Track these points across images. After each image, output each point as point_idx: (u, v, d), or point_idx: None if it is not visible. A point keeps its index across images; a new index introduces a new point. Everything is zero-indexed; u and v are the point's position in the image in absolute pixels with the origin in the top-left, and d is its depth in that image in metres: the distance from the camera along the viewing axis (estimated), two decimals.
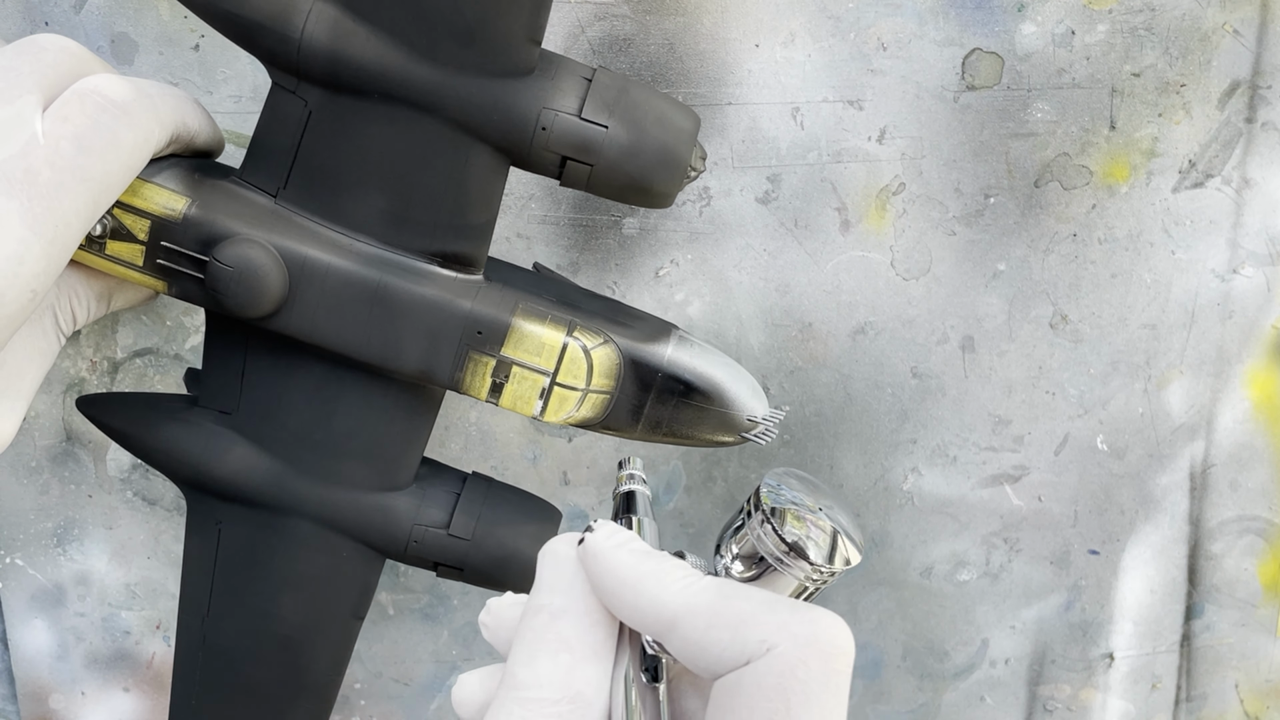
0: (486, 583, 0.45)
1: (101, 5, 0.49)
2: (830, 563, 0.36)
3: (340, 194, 0.41)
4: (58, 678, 0.60)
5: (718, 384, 0.43)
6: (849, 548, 0.37)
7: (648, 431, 0.43)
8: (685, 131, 0.40)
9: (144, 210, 0.39)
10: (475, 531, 0.44)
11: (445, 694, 0.62)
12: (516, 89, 0.39)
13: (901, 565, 0.61)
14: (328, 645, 0.46)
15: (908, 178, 0.55)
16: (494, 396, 0.42)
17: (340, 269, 0.40)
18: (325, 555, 0.45)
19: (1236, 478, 0.62)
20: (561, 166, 0.40)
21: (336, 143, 0.40)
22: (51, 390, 0.55)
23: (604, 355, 0.42)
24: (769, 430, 0.43)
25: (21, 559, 0.58)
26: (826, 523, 0.37)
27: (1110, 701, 0.65)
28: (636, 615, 0.30)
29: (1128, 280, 0.58)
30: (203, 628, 0.46)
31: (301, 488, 0.44)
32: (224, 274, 0.39)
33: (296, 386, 0.43)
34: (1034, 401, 0.59)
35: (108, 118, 0.35)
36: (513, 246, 0.54)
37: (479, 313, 0.41)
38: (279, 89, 0.40)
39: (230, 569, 0.45)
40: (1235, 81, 0.55)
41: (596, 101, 0.39)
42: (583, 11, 0.51)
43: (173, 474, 0.45)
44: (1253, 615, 0.65)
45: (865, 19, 0.52)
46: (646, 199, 0.41)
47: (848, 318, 0.57)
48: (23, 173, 0.33)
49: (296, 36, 0.38)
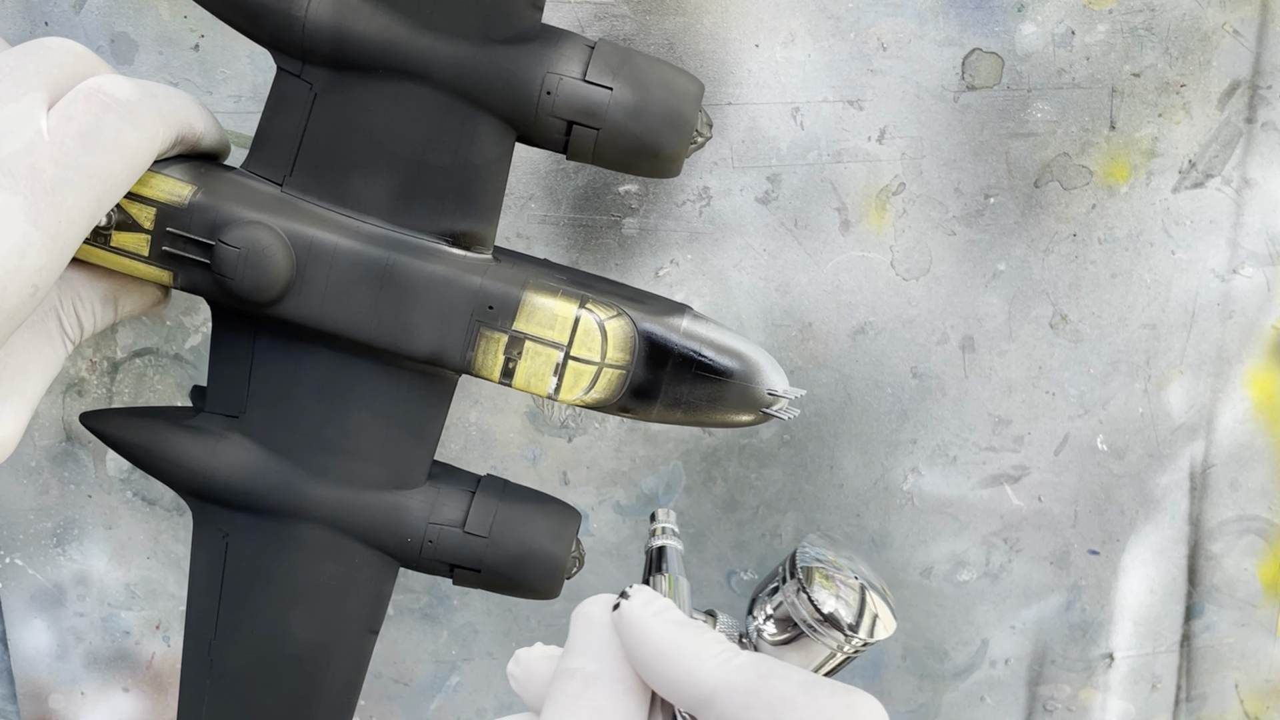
0: (504, 585, 0.44)
1: (101, 5, 0.49)
2: (862, 634, 0.36)
3: (347, 176, 0.41)
4: (57, 678, 0.60)
5: (738, 353, 0.41)
6: (883, 620, 0.37)
7: (666, 410, 0.42)
8: (690, 93, 0.40)
9: (150, 198, 0.39)
10: (492, 529, 0.43)
11: (445, 694, 0.62)
12: (520, 54, 0.39)
13: (901, 565, 0.61)
14: (341, 664, 0.44)
15: (908, 178, 0.55)
16: (506, 378, 0.41)
17: (348, 250, 0.40)
18: (337, 563, 0.43)
19: (1236, 478, 0.62)
20: (567, 135, 0.39)
21: (342, 123, 0.40)
22: (51, 390, 0.55)
23: (618, 327, 0.41)
24: (790, 407, 0.42)
25: (21, 559, 0.58)
26: (861, 593, 0.37)
27: (1110, 701, 0.65)
28: (672, 688, 0.30)
29: (1128, 280, 0.58)
30: (209, 653, 0.44)
31: (312, 489, 0.43)
32: (230, 256, 0.39)
33: (305, 382, 0.42)
34: (1034, 401, 0.59)
35: (113, 116, 0.35)
36: (512, 246, 0.54)
37: (489, 288, 0.41)
38: (284, 74, 0.40)
39: (238, 585, 0.44)
40: (1235, 81, 0.55)
41: (600, 65, 0.39)
42: (583, 11, 0.51)
43: (180, 484, 0.44)
44: (1253, 615, 0.65)
45: (865, 19, 0.52)
46: (654, 164, 0.40)
47: (848, 318, 0.57)
48: (27, 168, 0.33)
49: (301, 15, 0.38)
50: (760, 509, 0.60)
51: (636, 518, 0.59)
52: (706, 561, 0.60)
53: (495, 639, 0.61)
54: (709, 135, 0.41)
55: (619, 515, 0.59)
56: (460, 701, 0.62)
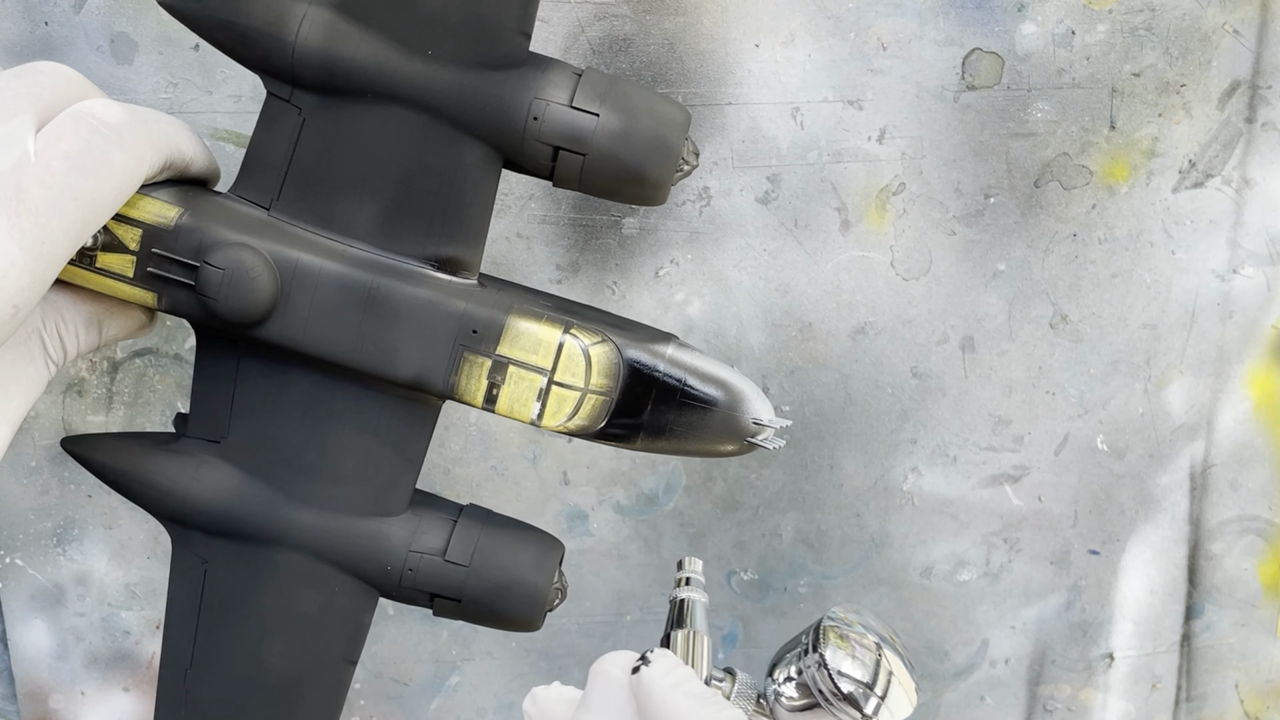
0: (485, 616, 0.43)
1: (101, 5, 0.49)
2: (876, 714, 0.36)
3: (334, 199, 0.41)
4: (57, 678, 0.60)
5: (723, 382, 0.41)
6: (902, 701, 0.37)
7: (649, 439, 0.42)
8: (676, 121, 0.40)
9: (136, 220, 0.39)
10: (474, 558, 0.42)
11: (445, 694, 0.62)
12: (507, 80, 0.39)
13: (901, 565, 0.61)
14: (319, 694, 0.44)
15: (908, 178, 0.55)
16: (489, 404, 0.41)
17: (332, 273, 0.40)
18: (316, 591, 0.43)
19: (1236, 478, 0.62)
20: (553, 161, 0.39)
21: (330, 148, 0.40)
22: (51, 390, 0.55)
23: (602, 353, 0.41)
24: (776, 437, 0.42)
25: (21, 559, 0.58)
26: (883, 670, 0.37)
27: (1110, 701, 0.65)
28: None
29: (1128, 280, 0.58)
30: (185, 682, 0.44)
31: (293, 515, 0.42)
32: (215, 277, 0.39)
33: (288, 406, 0.42)
34: (1034, 401, 0.59)
35: (100, 139, 0.35)
36: (512, 246, 0.54)
37: (473, 312, 0.40)
38: (273, 99, 0.40)
39: (216, 612, 0.43)
40: (1235, 81, 0.55)
41: (587, 92, 0.39)
42: (583, 11, 0.51)
43: (160, 509, 0.43)
44: (1253, 615, 0.65)
45: (865, 19, 0.52)
46: (640, 191, 0.40)
47: (848, 318, 0.57)
48: (12, 189, 0.33)
49: (291, 40, 0.38)
50: (760, 509, 0.60)
51: (636, 518, 0.59)
52: (707, 562, 0.60)
53: (495, 639, 0.61)
54: (695, 164, 0.41)
55: (619, 515, 0.59)
56: (460, 701, 0.62)
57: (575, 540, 0.59)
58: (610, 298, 0.55)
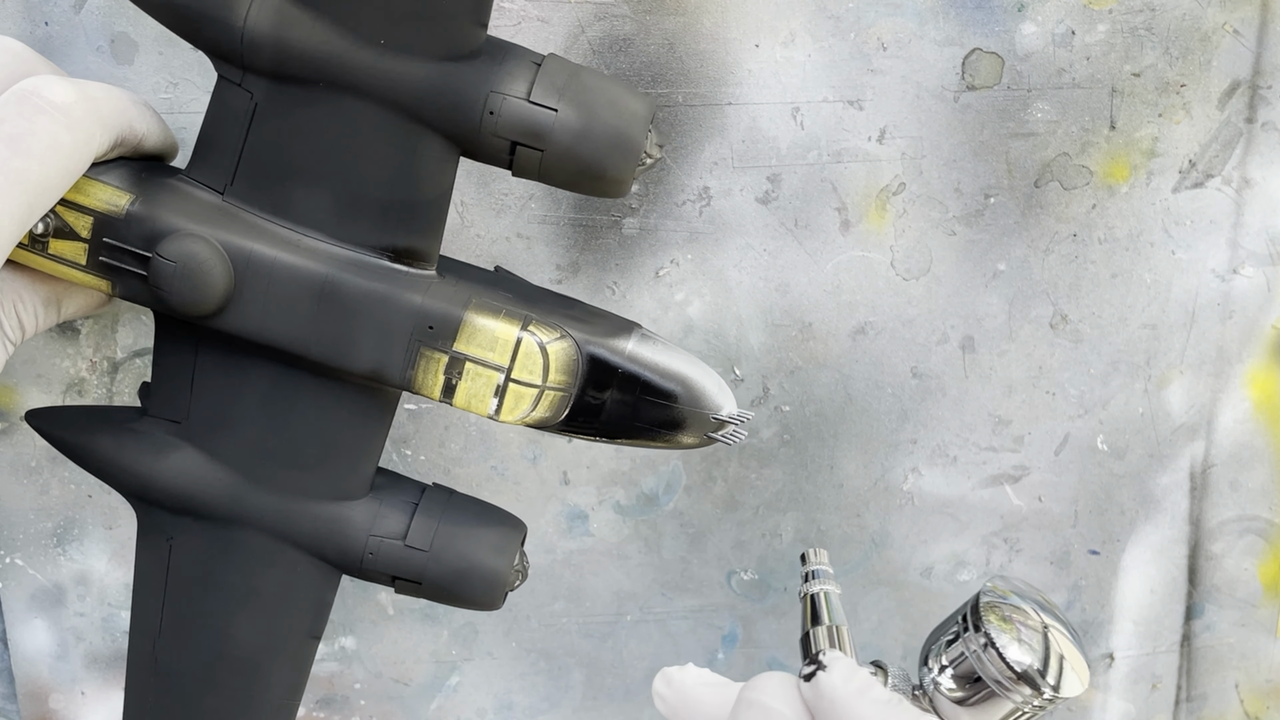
0: (446, 597, 0.44)
1: (101, 5, 0.49)
2: (1062, 690, 0.34)
3: (288, 188, 0.40)
4: (58, 678, 0.60)
5: (681, 379, 0.41)
6: (1076, 671, 0.34)
7: (610, 432, 0.42)
8: (638, 115, 0.39)
9: (87, 207, 0.39)
10: (434, 543, 0.43)
11: (445, 694, 0.62)
12: (462, 72, 0.38)
13: (901, 565, 0.61)
14: (284, 667, 0.45)
15: (908, 178, 0.55)
16: (447, 396, 0.41)
17: (286, 264, 0.40)
18: (280, 570, 0.43)
19: (1237, 478, 0.62)
20: (511, 154, 0.39)
21: (283, 135, 0.39)
22: (52, 390, 0.55)
23: (560, 350, 0.41)
24: (737, 431, 0.42)
25: (21, 559, 0.58)
26: (1052, 645, 0.34)
27: (1110, 701, 0.65)
28: None
29: (1128, 280, 0.58)
30: (154, 650, 0.44)
31: (254, 498, 0.42)
32: (166, 269, 0.39)
33: (248, 392, 0.42)
34: (1034, 401, 0.59)
35: (46, 120, 0.34)
36: (512, 246, 0.54)
37: (430, 307, 0.40)
38: (224, 82, 0.39)
39: (182, 587, 0.44)
40: (1235, 81, 0.55)
41: (546, 85, 0.38)
42: (583, 11, 0.51)
43: (122, 487, 0.43)
44: (1253, 615, 0.65)
45: (865, 19, 0.52)
46: (600, 186, 0.40)
47: (848, 318, 0.57)
48: None
49: (240, 25, 0.38)
50: (760, 509, 0.60)
51: (636, 518, 0.59)
52: (707, 562, 0.60)
53: (495, 639, 0.61)
54: (659, 156, 0.40)
55: (619, 515, 0.59)
56: (460, 701, 0.62)
57: (575, 540, 0.59)
58: (610, 298, 0.55)
